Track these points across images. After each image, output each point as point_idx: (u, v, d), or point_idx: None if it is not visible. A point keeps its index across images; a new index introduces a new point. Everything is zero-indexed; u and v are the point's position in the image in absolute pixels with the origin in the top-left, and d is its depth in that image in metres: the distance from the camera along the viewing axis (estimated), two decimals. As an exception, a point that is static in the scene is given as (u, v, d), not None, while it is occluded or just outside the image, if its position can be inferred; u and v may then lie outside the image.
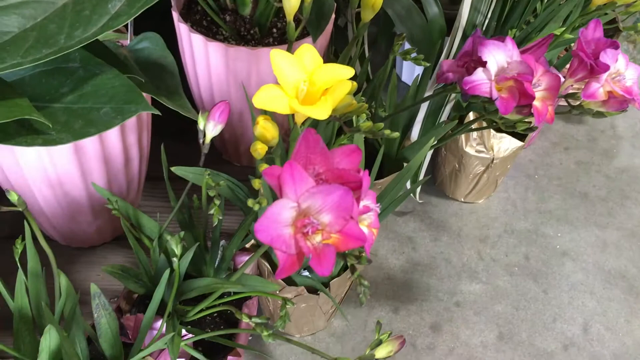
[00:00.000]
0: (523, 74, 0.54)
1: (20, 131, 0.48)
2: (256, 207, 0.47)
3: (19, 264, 0.57)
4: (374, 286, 0.88)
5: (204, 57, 0.73)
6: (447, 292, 0.88)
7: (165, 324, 0.59)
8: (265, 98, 0.46)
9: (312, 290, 0.71)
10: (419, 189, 0.92)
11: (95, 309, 0.55)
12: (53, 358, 0.52)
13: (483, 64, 0.54)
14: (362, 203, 0.43)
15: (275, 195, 0.41)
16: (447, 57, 0.79)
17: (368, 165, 0.69)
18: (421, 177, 0.88)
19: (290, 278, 0.70)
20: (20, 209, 0.46)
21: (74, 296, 0.55)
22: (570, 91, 0.59)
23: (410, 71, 1.14)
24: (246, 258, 0.69)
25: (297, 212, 0.40)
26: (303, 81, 0.47)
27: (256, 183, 0.47)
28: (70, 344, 0.54)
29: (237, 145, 0.85)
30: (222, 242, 0.68)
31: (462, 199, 0.99)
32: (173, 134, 0.88)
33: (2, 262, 0.76)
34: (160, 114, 0.54)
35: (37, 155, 0.61)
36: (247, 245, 0.70)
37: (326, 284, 0.70)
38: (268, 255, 0.69)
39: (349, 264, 0.47)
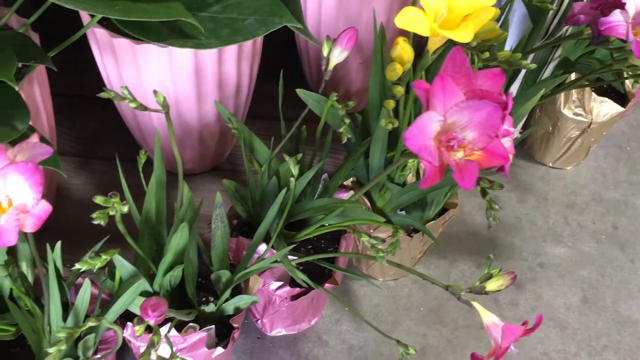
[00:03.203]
0: (662, 19, 0.53)
1: (171, 34, 0.50)
2: (389, 127, 0.47)
3: (141, 175, 0.60)
4: (457, 240, 0.88)
5: (317, -7, 0.74)
6: (532, 252, 0.87)
7: (269, 247, 0.61)
8: (407, 19, 0.47)
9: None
10: (510, 148, 0.91)
11: (214, 220, 0.57)
12: (176, 258, 0.55)
13: (621, 6, 0.53)
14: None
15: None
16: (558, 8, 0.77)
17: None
18: (515, 135, 0.86)
19: (387, 216, 0.71)
20: (163, 111, 0.48)
21: (194, 206, 0.58)
22: None
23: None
24: (344, 195, 0.71)
25: (442, 126, 0.41)
26: (443, 6, 0.48)
27: (390, 104, 0.48)
28: (188, 249, 0.57)
29: (335, 88, 0.86)
30: (324, 176, 0.69)
31: (551, 164, 0.97)
32: (268, 75, 0.90)
33: (110, 182, 0.80)
34: (301, 27, 0.55)
35: (159, 74, 0.64)
36: (348, 183, 0.71)
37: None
38: (368, 194, 0.70)
39: (480, 188, 0.47)
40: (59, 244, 0.52)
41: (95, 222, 0.42)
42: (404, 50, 0.48)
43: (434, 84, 0.40)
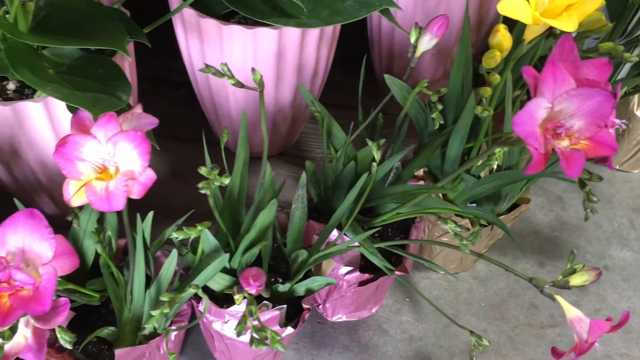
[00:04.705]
0: None
1: (273, 13, 0.51)
2: (485, 114, 0.47)
3: (222, 153, 0.61)
4: (519, 238, 0.87)
5: (396, -17, 0.73)
6: (595, 254, 0.86)
7: (343, 231, 0.62)
8: (509, 6, 0.46)
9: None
10: (578, 148, 0.90)
11: (295, 200, 0.58)
12: (258, 236, 0.56)
13: None
14: (606, 117, 0.43)
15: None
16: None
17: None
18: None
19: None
20: (258, 90, 0.49)
21: (274, 187, 0.59)
22: None
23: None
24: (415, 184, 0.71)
25: (548, 113, 0.41)
26: (546, -5, 0.47)
27: (487, 91, 0.48)
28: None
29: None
30: (397, 164, 0.69)
31: (617, 167, 0.95)
32: (335, 64, 0.90)
33: (181, 160, 0.81)
34: (400, 9, 0.55)
35: (242, 56, 0.65)
36: (419, 173, 0.71)
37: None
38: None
39: (577, 180, 0.47)
40: (151, 214, 0.54)
41: (202, 192, 0.43)
42: (504, 37, 0.48)
43: (544, 71, 0.40)
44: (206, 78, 0.70)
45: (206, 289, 0.61)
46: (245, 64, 0.65)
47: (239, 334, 0.42)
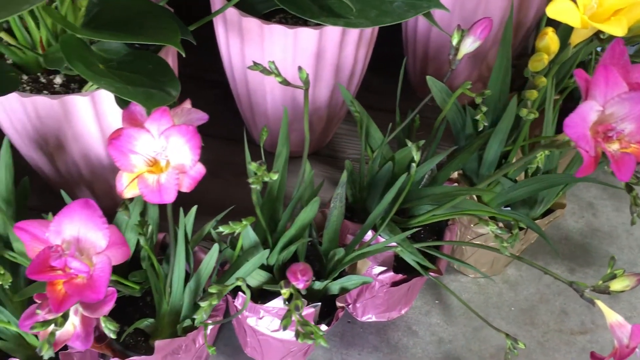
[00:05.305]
0: None
1: (321, 12, 0.52)
2: (530, 117, 0.47)
3: (262, 151, 0.61)
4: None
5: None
6: (627, 262, 0.85)
7: (379, 232, 0.62)
8: (558, 9, 0.47)
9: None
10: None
11: (334, 199, 0.59)
12: (297, 233, 0.56)
13: None
14: (656, 121, 0.43)
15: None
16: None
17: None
18: None
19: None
20: (304, 88, 0.50)
21: (313, 186, 0.59)
22: None
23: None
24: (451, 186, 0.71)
25: (599, 116, 0.41)
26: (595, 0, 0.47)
27: (534, 94, 0.48)
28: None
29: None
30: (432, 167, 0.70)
31: (650, 174, 0.94)
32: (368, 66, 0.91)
33: (215, 159, 0.82)
34: (448, 10, 0.56)
35: (282, 55, 0.65)
36: (454, 175, 0.71)
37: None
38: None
39: (625, 184, 0.47)
40: (194, 208, 0.55)
41: (253, 187, 0.44)
42: (552, 40, 0.48)
43: (596, 74, 0.40)
44: (244, 77, 0.71)
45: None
46: (285, 64, 0.66)
47: (285, 328, 0.43)
